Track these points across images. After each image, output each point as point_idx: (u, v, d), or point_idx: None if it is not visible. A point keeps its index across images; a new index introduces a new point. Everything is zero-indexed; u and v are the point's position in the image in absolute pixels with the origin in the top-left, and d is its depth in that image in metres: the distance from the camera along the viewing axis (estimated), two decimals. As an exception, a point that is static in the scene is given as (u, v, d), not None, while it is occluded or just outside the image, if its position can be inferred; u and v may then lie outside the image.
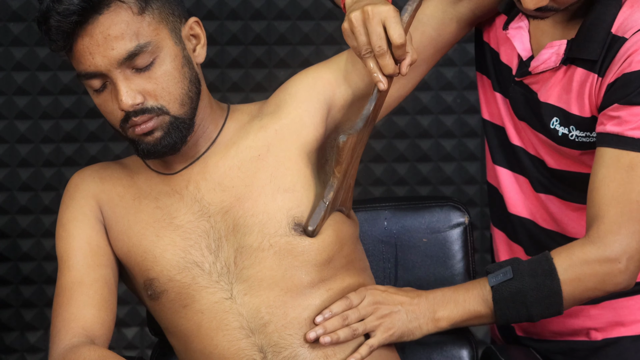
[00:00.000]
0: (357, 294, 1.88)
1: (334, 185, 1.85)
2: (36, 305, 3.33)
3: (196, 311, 1.87)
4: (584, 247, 1.86)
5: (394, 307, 1.89)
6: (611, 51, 1.86)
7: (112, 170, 1.97)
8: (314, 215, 1.85)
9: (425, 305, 1.90)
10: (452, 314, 1.90)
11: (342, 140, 1.80)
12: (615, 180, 1.84)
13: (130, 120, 1.82)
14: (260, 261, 1.86)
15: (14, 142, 3.27)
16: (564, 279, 1.86)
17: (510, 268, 1.89)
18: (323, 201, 1.85)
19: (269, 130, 1.93)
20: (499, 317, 1.90)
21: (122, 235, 1.92)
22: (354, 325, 1.86)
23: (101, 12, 1.78)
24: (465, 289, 1.91)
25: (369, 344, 1.88)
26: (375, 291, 1.90)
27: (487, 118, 2.11)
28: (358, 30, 1.78)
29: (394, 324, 1.88)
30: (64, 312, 1.88)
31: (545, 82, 1.95)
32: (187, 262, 1.88)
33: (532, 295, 1.87)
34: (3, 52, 3.24)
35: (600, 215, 1.85)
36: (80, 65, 1.81)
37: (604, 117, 1.87)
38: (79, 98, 3.28)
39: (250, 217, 1.88)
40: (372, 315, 1.88)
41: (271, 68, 3.30)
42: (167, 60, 1.83)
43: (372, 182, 3.35)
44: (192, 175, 1.92)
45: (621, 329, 2.04)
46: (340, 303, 1.87)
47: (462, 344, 2.13)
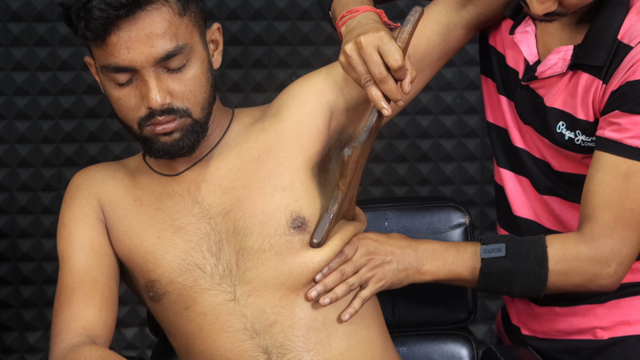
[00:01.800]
0: (351, 246, 1.89)
1: (339, 197, 1.85)
2: (36, 306, 3.33)
3: (198, 313, 1.87)
4: (578, 244, 1.89)
5: (386, 256, 1.91)
6: (617, 58, 1.88)
7: (113, 171, 1.97)
8: (319, 228, 1.86)
9: (414, 256, 1.93)
10: (438, 271, 1.93)
11: (347, 154, 1.80)
12: (611, 186, 1.87)
13: (153, 118, 1.82)
14: (263, 262, 1.86)
15: (14, 142, 3.27)
16: (552, 270, 1.90)
17: (504, 245, 1.92)
18: (328, 214, 1.86)
19: (270, 132, 1.93)
20: (480, 286, 1.94)
21: (123, 236, 1.92)
22: (349, 280, 1.88)
23: (144, 8, 1.78)
24: (455, 250, 1.94)
25: (361, 297, 1.89)
26: (368, 241, 1.91)
27: (491, 121, 2.12)
28: (355, 62, 1.78)
29: (385, 275, 1.90)
30: (65, 311, 1.87)
31: (552, 87, 1.96)
32: (188, 264, 1.88)
33: (517, 277, 1.91)
34: (3, 52, 3.23)
35: (594, 217, 1.88)
36: (111, 58, 1.79)
37: (604, 122, 1.89)
38: (78, 98, 3.28)
39: (249, 218, 1.88)
40: (365, 266, 1.89)
41: (271, 68, 3.30)
42: (197, 64, 1.84)
43: (371, 182, 3.35)
44: (193, 177, 1.92)
45: (627, 328, 2.06)
46: (337, 259, 1.87)
47: (462, 343, 2.13)
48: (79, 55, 3.25)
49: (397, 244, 1.93)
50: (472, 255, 1.93)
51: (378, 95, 1.79)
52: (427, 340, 2.14)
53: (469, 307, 2.13)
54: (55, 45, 3.25)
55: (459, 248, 1.95)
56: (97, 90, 3.28)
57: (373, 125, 1.83)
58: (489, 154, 3.32)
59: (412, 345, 2.13)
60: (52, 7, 3.24)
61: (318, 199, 1.90)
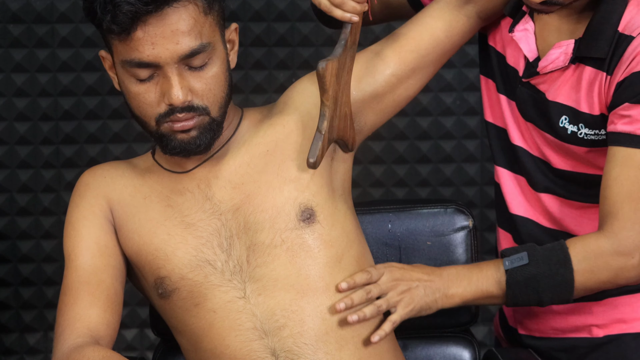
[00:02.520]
0: (376, 270, 1.90)
1: (326, 113, 1.85)
2: (36, 307, 3.32)
3: (208, 310, 1.87)
4: (599, 240, 1.90)
5: (412, 283, 1.91)
6: (619, 49, 1.89)
7: (122, 170, 1.97)
8: (312, 147, 1.84)
9: (440, 282, 1.92)
10: (465, 292, 1.93)
11: (320, 67, 1.81)
12: (629, 179, 1.88)
13: (173, 115, 1.82)
14: (274, 259, 1.87)
15: (14, 143, 3.27)
16: (577, 269, 1.90)
17: (526, 253, 1.92)
18: (318, 131, 1.85)
19: (277, 127, 1.94)
20: (509, 299, 1.93)
21: (132, 234, 1.92)
22: (377, 302, 1.88)
23: (171, 5, 1.78)
24: (479, 269, 1.94)
25: (392, 320, 1.89)
26: (393, 268, 1.92)
27: (490, 120, 2.13)
28: None
29: (413, 300, 1.90)
30: (69, 311, 1.87)
31: (554, 81, 1.98)
32: (199, 260, 1.88)
33: (545, 282, 1.91)
34: (3, 54, 3.23)
35: (613, 212, 1.89)
36: (135, 52, 1.79)
37: (615, 116, 1.90)
38: (78, 100, 3.28)
39: (260, 213, 1.88)
40: (392, 291, 1.90)
41: (271, 69, 3.30)
42: (218, 63, 1.85)
43: (371, 183, 3.35)
44: (203, 174, 1.93)
45: (623, 325, 2.07)
46: (362, 275, 1.88)
47: (464, 345, 2.13)
48: (79, 56, 3.26)
49: (422, 271, 1.93)
50: (495, 270, 1.93)
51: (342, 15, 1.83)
52: (429, 343, 2.14)
53: (471, 310, 2.13)
54: (55, 46, 3.25)
55: (481, 266, 1.95)
56: (97, 91, 3.28)
57: (348, 38, 1.84)
58: (488, 155, 3.32)
59: (414, 348, 2.13)
60: (52, 9, 3.24)
61: (325, 187, 1.91)
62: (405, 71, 1.99)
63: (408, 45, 1.99)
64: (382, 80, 1.98)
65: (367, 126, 2.01)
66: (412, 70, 1.99)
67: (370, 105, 1.98)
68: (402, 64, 1.98)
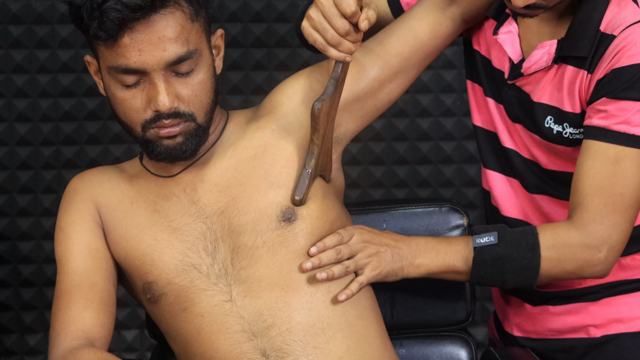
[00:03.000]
0: (347, 231, 1.91)
1: (314, 152, 1.87)
2: (36, 308, 3.33)
3: (196, 314, 1.87)
4: (569, 230, 1.91)
5: (381, 247, 1.93)
6: (600, 48, 1.91)
7: (110, 175, 1.98)
8: (299, 185, 1.87)
9: (408, 250, 1.95)
10: (432, 263, 1.95)
11: (316, 107, 1.82)
12: (601, 173, 1.90)
13: (159, 121, 1.83)
14: (256, 260, 1.87)
15: (14, 144, 3.27)
16: (544, 256, 1.92)
17: (496, 233, 1.94)
18: (305, 169, 1.87)
19: (266, 131, 1.94)
20: (474, 277, 1.95)
21: (120, 239, 1.92)
22: (345, 262, 1.89)
23: (159, 12, 1.78)
24: (448, 242, 1.96)
25: (359, 281, 1.90)
26: (363, 230, 1.94)
27: (479, 124, 2.14)
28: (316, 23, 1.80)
29: (381, 264, 1.92)
30: (64, 315, 1.88)
31: (538, 82, 1.99)
32: (185, 264, 1.88)
33: (510, 265, 1.93)
34: (3, 55, 3.24)
35: (584, 204, 1.91)
36: (121, 59, 1.80)
37: (592, 110, 1.91)
38: (78, 100, 3.28)
39: (243, 215, 1.88)
40: (361, 252, 1.92)
41: (271, 70, 3.30)
42: (204, 69, 1.85)
43: (371, 184, 3.35)
44: (190, 178, 1.93)
45: (620, 325, 2.07)
46: (332, 237, 1.89)
47: (461, 345, 2.13)
48: (79, 57, 3.26)
49: (391, 237, 1.96)
50: (464, 246, 1.95)
51: (337, 54, 1.81)
52: (426, 342, 2.14)
53: (467, 309, 2.13)
54: (55, 47, 3.25)
55: (451, 241, 1.97)
56: (97, 92, 3.28)
57: (339, 76, 1.85)
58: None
59: (411, 347, 2.13)
60: (52, 10, 3.24)
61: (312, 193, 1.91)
62: (388, 75, 1.98)
63: (392, 49, 1.98)
64: (364, 85, 1.98)
65: (347, 135, 2.00)
66: (394, 74, 1.99)
67: (350, 112, 1.98)
68: (386, 68, 1.98)
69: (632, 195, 1.90)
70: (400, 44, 1.98)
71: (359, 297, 1.91)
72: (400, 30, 1.99)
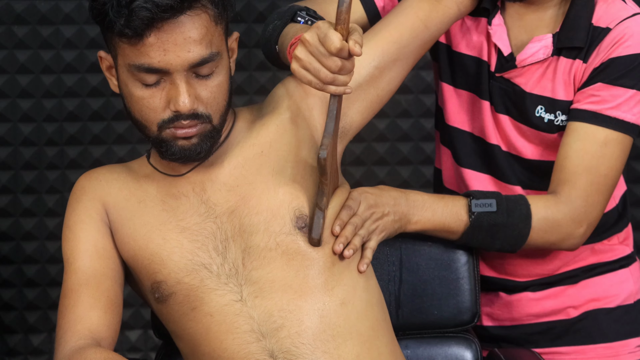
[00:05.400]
0: (354, 200, 1.95)
1: (325, 191, 1.88)
2: (40, 308, 3.33)
3: (205, 314, 1.87)
4: (558, 205, 2.02)
5: (385, 208, 1.98)
6: (595, 40, 2.03)
7: (118, 174, 1.98)
8: (314, 226, 1.88)
9: (406, 207, 2.00)
10: (428, 222, 2.02)
11: (322, 157, 1.82)
12: (589, 153, 2.01)
13: (177, 121, 1.83)
14: (270, 262, 1.87)
15: (18, 144, 3.28)
16: (534, 227, 2.02)
17: (495, 201, 2.02)
18: (319, 209, 1.88)
19: (271, 127, 1.95)
20: (464, 238, 2.03)
21: (128, 238, 1.92)
22: (360, 232, 1.93)
23: (186, 13, 1.78)
24: (444, 203, 2.02)
25: (370, 247, 1.95)
26: (367, 194, 1.97)
27: (456, 125, 2.19)
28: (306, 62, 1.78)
29: (386, 226, 1.98)
30: (70, 314, 1.87)
31: (530, 74, 2.08)
32: (194, 264, 1.88)
33: (503, 232, 2.02)
34: (7, 55, 3.24)
35: (572, 181, 2.02)
36: (145, 58, 1.79)
37: (582, 95, 2.03)
38: (82, 101, 3.28)
39: (255, 215, 1.89)
40: (369, 219, 1.96)
41: (275, 71, 3.30)
42: (223, 72, 1.85)
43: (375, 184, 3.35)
44: (198, 177, 1.93)
45: (596, 303, 2.19)
46: (345, 212, 1.92)
47: (466, 346, 2.13)
48: (83, 58, 3.26)
49: (390, 195, 2.00)
50: (460, 208, 2.02)
51: (336, 90, 1.79)
52: (431, 343, 2.14)
53: (472, 310, 2.13)
54: (59, 48, 3.25)
55: (447, 201, 2.03)
56: (102, 93, 3.28)
57: (336, 109, 1.85)
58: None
59: (416, 348, 2.13)
60: (57, 10, 3.24)
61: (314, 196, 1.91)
62: (387, 63, 1.99)
63: (390, 37, 2.00)
64: (366, 74, 1.98)
65: (353, 127, 2.01)
66: (393, 61, 2.00)
67: (355, 102, 1.98)
68: (384, 56, 1.99)
69: (614, 177, 2.04)
70: (398, 31, 2.00)
71: (372, 308, 1.91)
72: (397, 19, 2.01)
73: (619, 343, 2.19)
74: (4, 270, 3.31)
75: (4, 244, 3.30)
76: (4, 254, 3.31)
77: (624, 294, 2.19)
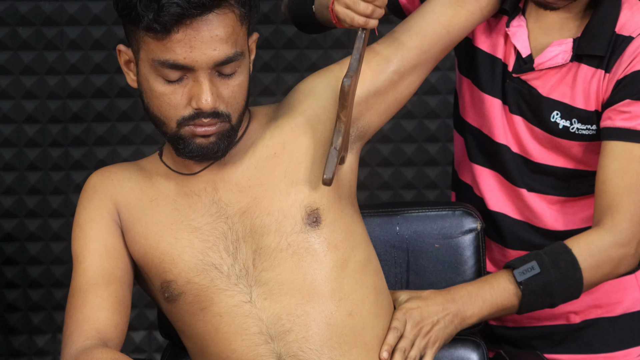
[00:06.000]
0: (399, 321, 1.92)
1: (342, 130, 1.86)
2: (44, 309, 3.33)
3: (214, 314, 1.87)
4: (601, 235, 1.98)
5: (432, 319, 1.95)
6: (618, 49, 1.99)
7: (129, 172, 1.97)
8: (328, 164, 1.85)
9: (455, 308, 1.96)
10: (482, 311, 1.98)
11: (346, 84, 1.82)
12: (629, 172, 1.98)
13: (198, 119, 1.83)
14: (280, 263, 1.87)
15: (23, 145, 3.28)
16: (584, 267, 1.98)
17: (536, 262, 1.98)
18: (334, 147, 1.86)
19: (285, 129, 1.94)
20: (524, 308, 1.99)
21: (139, 237, 1.92)
22: (411, 354, 1.91)
23: (213, 10, 1.78)
24: (489, 285, 1.99)
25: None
26: (411, 311, 1.94)
27: (470, 121, 2.19)
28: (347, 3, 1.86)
29: (438, 336, 1.95)
30: (78, 313, 1.87)
31: (549, 78, 2.06)
32: (205, 264, 1.88)
33: (557, 286, 1.98)
34: (12, 56, 3.24)
35: (614, 205, 1.98)
36: (170, 53, 1.79)
37: (613, 112, 1.99)
38: (87, 102, 3.28)
39: (266, 216, 1.88)
40: (418, 337, 1.93)
41: (279, 72, 3.30)
42: (244, 72, 1.86)
43: (379, 186, 3.35)
44: (210, 177, 1.93)
45: (598, 310, 2.18)
46: (392, 335, 1.91)
47: (473, 348, 2.13)
48: (88, 59, 3.26)
49: (436, 302, 1.97)
50: (507, 283, 1.99)
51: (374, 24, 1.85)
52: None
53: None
54: (64, 49, 3.25)
55: (491, 282, 2.00)
56: (106, 94, 3.28)
57: (361, 48, 1.85)
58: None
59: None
60: (61, 12, 3.24)
61: (331, 191, 1.91)
62: (407, 68, 1.99)
63: (411, 42, 1.99)
64: (385, 79, 1.98)
65: (371, 129, 2.01)
66: (413, 67, 2.00)
67: (373, 106, 1.98)
68: (405, 61, 1.99)
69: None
70: (419, 37, 1.99)
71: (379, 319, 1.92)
72: (419, 24, 2.00)
73: (621, 353, 2.19)
74: (9, 271, 3.31)
75: (8, 245, 3.30)
76: (9, 255, 3.31)
77: (628, 301, 2.19)
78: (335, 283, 1.87)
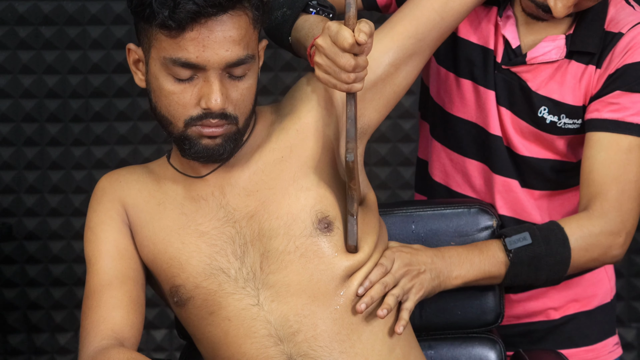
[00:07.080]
0: (388, 259, 1.91)
1: (354, 197, 1.87)
2: (66, 307, 3.35)
3: (223, 318, 1.87)
4: (592, 220, 2.00)
5: (420, 267, 1.94)
6: (608, 45, 2.02)
7: (138, 175, 1.97)
8: (349, 233, 1.87)
9: (443, 264, 1.96)
10: (468, 274, 1.98)
11: (350, 160, 1.81)
12: (615, 162, 2.00)
13: (205, 119, 1.82)
14: (287, 265, 1.86)
15: (45, 144, 3.29)
16: (574, 247, 1.99)
17: (528, 234, 1.99)
18: (351, 215, 1.87)
19: (290, 131, 1.93)
20: (509, 278, 2.00)
21: (147, 241, 1.92)
22: (394, 292, 1.89)
23: (228, 11, 1.78)
24: (479, 250, 1.99)
25: (407, 308, 1.91)
26: (402, 253, 1.93)
27: (460, 115, 2.18)
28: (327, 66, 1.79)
29: (423, 285, 1.94)
30: (93, 314, 1.88)
31: (538, 73, 2.07)
32: (213, 268, 1.88)
33: (545, 261, 1.99)
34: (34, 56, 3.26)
35: (602, 193, 2.00)
36: (183, 52, 1.78)
37: (601, 104, 2.02)
38: (109, 101, 3.30)
39: (275, 219, 1.88)
40: (404, 278, 1.92)
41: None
42: (254, 75, 1.85)
43: (400, 185, 3.35)
44: (217, 181, 1.92)
45: (576, 304, 2.20)
46: (376, 271, 1.89)
47: (490, 346, 2.12)
48: (110, 58, 3.28)
49: (426, 254, 1.96)
50: (497, 251, 1.99)
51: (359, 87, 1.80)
52: (455, 344, 2.13)
53: (497, 311, 2.12)
54: (86, 48, 3.27)
55: (481, 248, 2.00)
56: (128, 93, 3.30)
57: (354, 112, 1.83)
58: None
59: (440, 348, 2.12)
60: (84, 11, 3.26)
61: (342, 199, 1.90)
62: (403, 58, 1.96)
63: (405, 32, 1.96)
64: (381, 72, 1.96)
65: (371, 126, 1.99)
66: (409, 56, 1.97)
67: (372, 101, 1.97)
68: (400, 51, 1.96)
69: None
70: (413, 25, 1.97)
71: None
72: (413, 12, 1.98)
73: (600, 344, 2.21)
74: (31, 270, 3.33)
75: (31, 244, 3.32)
76: (31, 254, 3.33)
77: (601, 293, 2.21)
78: (341, 283, 1.87)
